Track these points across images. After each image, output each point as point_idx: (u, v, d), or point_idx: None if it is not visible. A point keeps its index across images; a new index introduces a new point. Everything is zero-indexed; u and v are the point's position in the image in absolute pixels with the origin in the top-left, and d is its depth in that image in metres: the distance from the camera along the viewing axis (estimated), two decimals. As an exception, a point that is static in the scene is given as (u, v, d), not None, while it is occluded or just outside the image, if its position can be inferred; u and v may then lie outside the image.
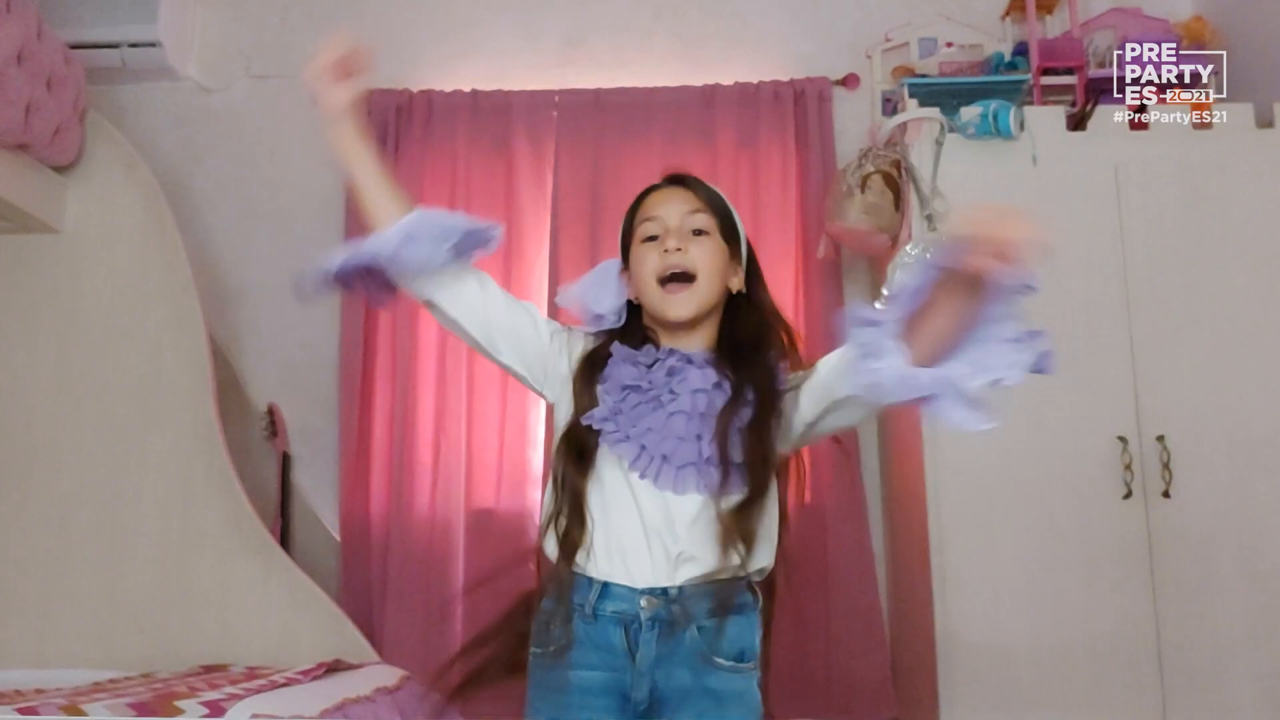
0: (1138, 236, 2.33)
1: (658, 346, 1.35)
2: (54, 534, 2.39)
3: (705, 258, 1.33)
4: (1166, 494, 2.23)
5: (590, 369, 1.33)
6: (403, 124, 2.86)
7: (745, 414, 1.28)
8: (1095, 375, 2.28)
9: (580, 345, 1.37)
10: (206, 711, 1.62)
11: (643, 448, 1.26)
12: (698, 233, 1.35)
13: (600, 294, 1.38)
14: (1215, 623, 2.19)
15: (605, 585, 1.26)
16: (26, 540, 2.38)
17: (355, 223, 2.81)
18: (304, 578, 2.39)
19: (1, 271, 2.50)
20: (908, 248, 2.32)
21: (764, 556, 1.29)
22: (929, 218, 2.34)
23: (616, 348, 1.34)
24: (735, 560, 1.25)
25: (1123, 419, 2.27)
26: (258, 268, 2.92)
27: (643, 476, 1.25)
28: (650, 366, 1.32)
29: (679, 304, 1.32)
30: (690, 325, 1.34)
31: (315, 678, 2.01)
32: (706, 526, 1.25)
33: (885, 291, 2.31)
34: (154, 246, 2.51)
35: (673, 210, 1.36)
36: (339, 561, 2.71)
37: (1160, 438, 2.25)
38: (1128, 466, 2.24)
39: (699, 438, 1.26)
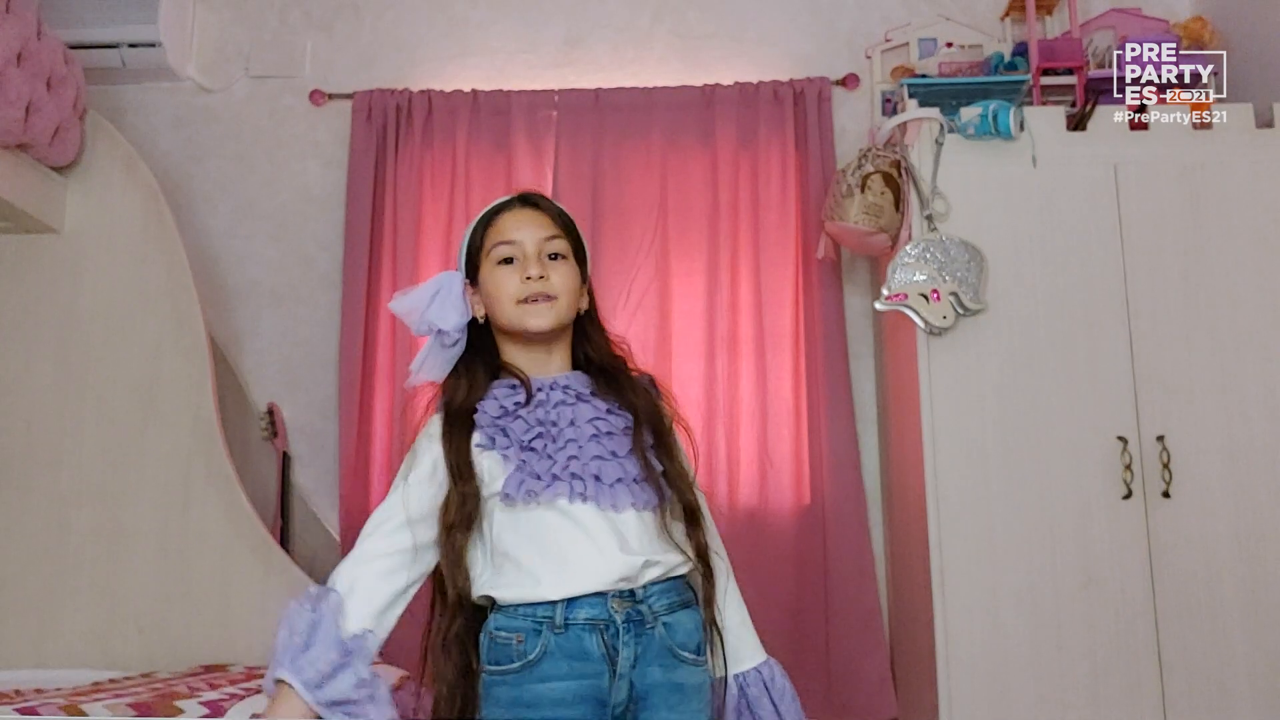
0: (1138, 236, 2.34)
1: (520, 378, 1.35)
2: (54, 534, 2.38)
3: (563, 281, 1.36)
4: (1166, 494, 2.23)
5: (462, 435, 1.31)
6: (403, 124, 2.86)
7: (647, 436, 1.34)
8: (1095, 375, 2.28)
9: (434, 433, 1.35)
10: (206, 711, 1.62)
11: (573, 476, 1.27)
12: (554, 257, 1.37)
13: (444, 310, 1.36)
14: (1215, 623, 2.19)
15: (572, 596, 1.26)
16: (26, 540, 2.38)
17: (355, 222, 2.81)
18: (304, 578, 2.38)
19: (1, 271, 2.50)
20: (908, 248, 2.32)
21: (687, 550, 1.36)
22: (929, 218, 2.34)
23: (484, 407, 1.32)
24: (684, 559, 1.32)
25: (1123, 419, 2.27)
26: (258, 268, 2.92)
27: (585, 500, 1.27)
28: (527, 404, 1.32)
29: (539, 314, 1.34)
30: (548, 341, 1.37)
31: (315, 678, 2.00)
32: (655, 534, 1.30)
33: (885, 291, 2.31)
34: (154, 246, 2.51)
35: (530, 235, 1.37)
36: (339, 561, 2.71)
37: (1160, 438, 2.25)
38: (1128, 467, 2.24)
39: (615, 454, 1.30)
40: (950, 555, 2.23)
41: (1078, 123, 2.39)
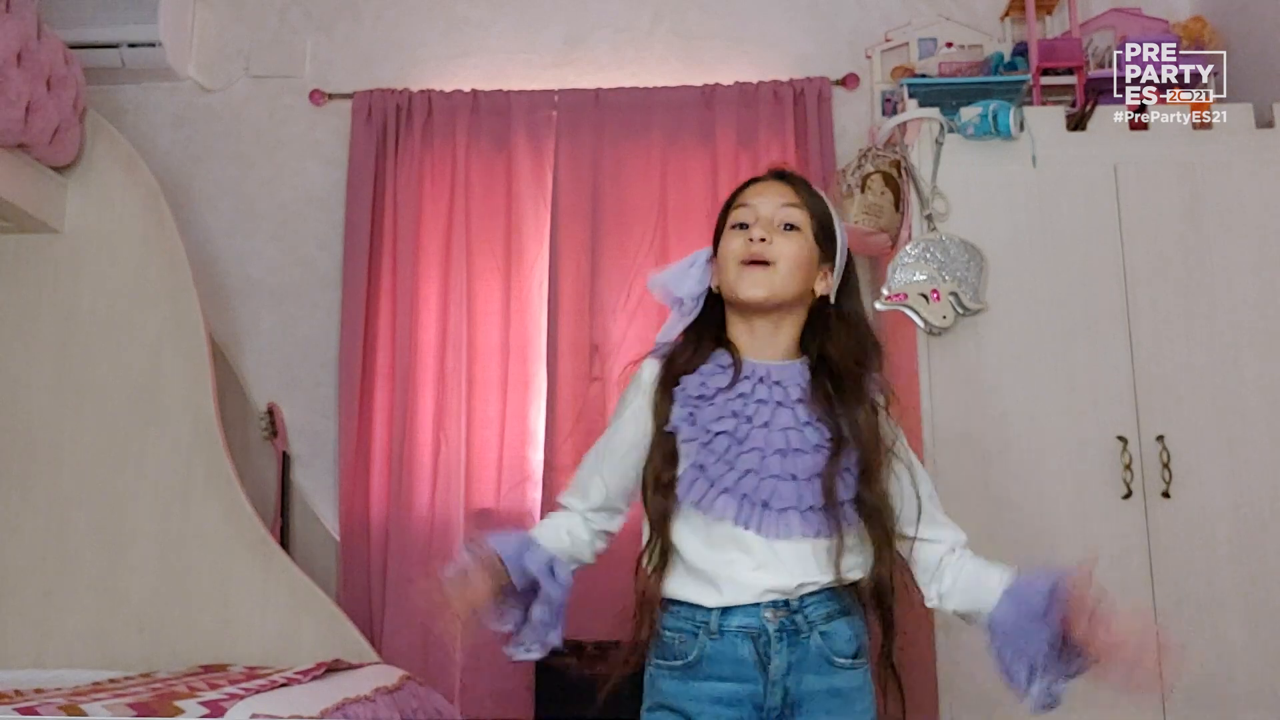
0: (1138, 236, 2.33)
1: (734, 357, 1.32)
2: (54, 534, 2.39)
3: (789, 249, 1.32)
4: (1166, 494, 2.23)
5: (669, 396, 1.31)
6: (403, 124, 2.86)
7: (851, 463, 1.28)
8: (1095, 375, 2.28)
9: (650, 376, 1.35)
10: (206, 711, 1.62)
11: (743, 498, 1.26)
12: (788, 227, 1.33)
13: (684, 279, 1.37)
14: (1215, 623, 2.19)
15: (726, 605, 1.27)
16: (26, 540, 2.38)
17: (355, 222, 2.81)
18: (304, 578, 2.39)
19: (1, 271, 2.50)
20: (908, 248, 2.32)
21: (860, 569, 1.32)
22: (929, 218, 2.34)
23: (688, 381, 1.30)
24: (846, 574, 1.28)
25: (1123, 419, 2.27)
26: (258, 268, 2.92)
27: (747, 528, 1.26)
28: (731, 386, 1.29)
29: (754, 280, 1.30)
30: (770, 315, 1.33)
31: (315, 678, 2.01)
32: (823, 559, 1.27)
33: (885, 291, 2.31)
34: (154, 246, 2.51)
35: (767, 201, 1.34)
36: (339, 561, 2.72)
37: (1160, 438, 2.25)
38: (1128, 466, 2.24)
39: (794, 477, 1.26)
40: (950, 555, 2.23)
41: (1078, 123, 2.39)
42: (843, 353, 1.34)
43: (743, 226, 1.34)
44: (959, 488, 2.25)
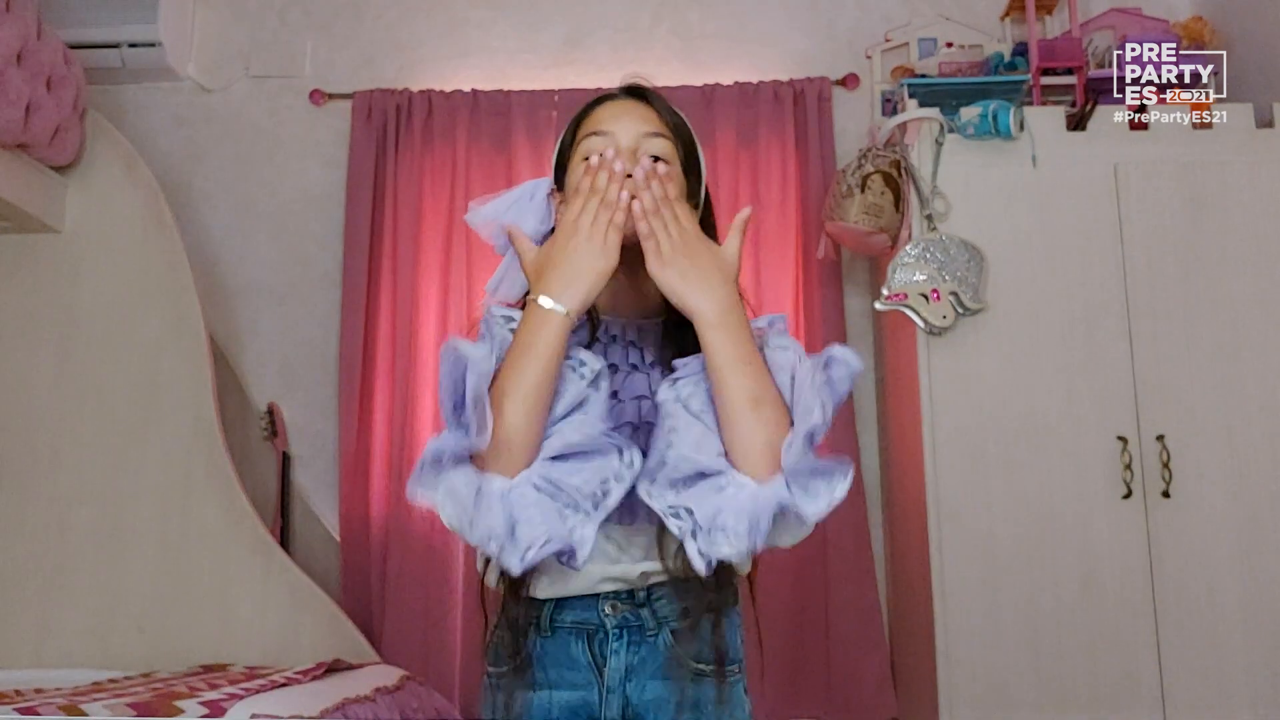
0: (1138, 236, 2.34)
1: (591, 317, 1.12)
2: (54, 534, 2.39)
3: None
4: (1166, 494, 2.23)
5: None
6: (403, 124, 2.86)
7: None
8: (1095, 375, 2.28)
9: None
10: (206, 711, 1.62)
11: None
12: (655, 160, 1.13)
13: (522, 216, 1.14)
14: (1215, 622, 2.19)
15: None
16: (26, 540, 2.38)
17: (355, 222, 2.81)
18: (304, 578, 2.39)
19: (1, 271, 2.50)
20: (908, 248, 2.32)
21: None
22: (929, 218, 2.34)
23: None
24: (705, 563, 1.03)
25: (1123, 419, 2.27)
26: (258, 268, 2.92)
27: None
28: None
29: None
30: (632, 260, 1.07)
31: (315, 678, 2.01)
32: (669, 544, 1.06)
33: (885, 291, 2.31)
34: (154, 246, 2.51)
35: (629, 129, 1.15)
36: (339, 561, 2.71)
37: (1160, 438, 2.25)
38: (1128, 466, 2.24)
39: (644, 454, 1.06)
40: (950, 555, 2.23)
41: (1078, 123, 2.39)
42: None
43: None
44: (959, 487, 2.26)
